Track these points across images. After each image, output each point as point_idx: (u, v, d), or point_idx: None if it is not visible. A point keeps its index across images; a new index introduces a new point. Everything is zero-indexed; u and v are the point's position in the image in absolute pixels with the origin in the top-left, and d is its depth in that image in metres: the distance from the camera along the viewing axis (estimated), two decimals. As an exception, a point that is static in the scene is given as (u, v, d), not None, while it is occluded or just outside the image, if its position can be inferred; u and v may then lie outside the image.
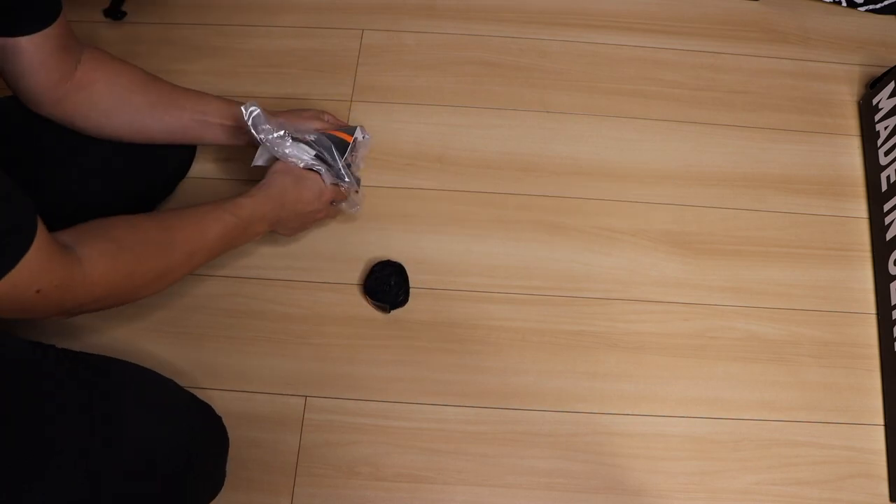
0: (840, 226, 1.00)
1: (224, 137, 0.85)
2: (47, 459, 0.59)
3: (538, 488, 0.84)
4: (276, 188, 0.79)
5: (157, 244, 0.67)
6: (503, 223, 0.98)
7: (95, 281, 0.59)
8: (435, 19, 1.12)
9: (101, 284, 0.60)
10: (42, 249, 0.53)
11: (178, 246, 0.69)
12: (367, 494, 0.83)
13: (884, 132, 0.99)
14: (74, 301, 0.59)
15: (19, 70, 0.68)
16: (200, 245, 0.71)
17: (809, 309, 0.94)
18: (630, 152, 1.03)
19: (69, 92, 0.73)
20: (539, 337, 0.91)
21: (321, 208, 0.84)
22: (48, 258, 0.54)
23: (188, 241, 0.70)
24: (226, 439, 0.79)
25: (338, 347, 0.90)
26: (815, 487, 0.85)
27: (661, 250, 0.97)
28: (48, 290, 0.55)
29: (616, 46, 1.11)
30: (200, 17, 1.12)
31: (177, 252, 0.69)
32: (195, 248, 0.71)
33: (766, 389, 0.90)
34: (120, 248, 0.63)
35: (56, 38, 0.68)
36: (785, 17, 1.15)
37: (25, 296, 0.53)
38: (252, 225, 0.76)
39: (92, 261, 0.59)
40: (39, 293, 0.54)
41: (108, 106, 0.76)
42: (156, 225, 0.68)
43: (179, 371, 0.88)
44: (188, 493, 0.72)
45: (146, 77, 0.80)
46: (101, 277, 0.60)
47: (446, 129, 1.04)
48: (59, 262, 0.56)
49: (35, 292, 0.54)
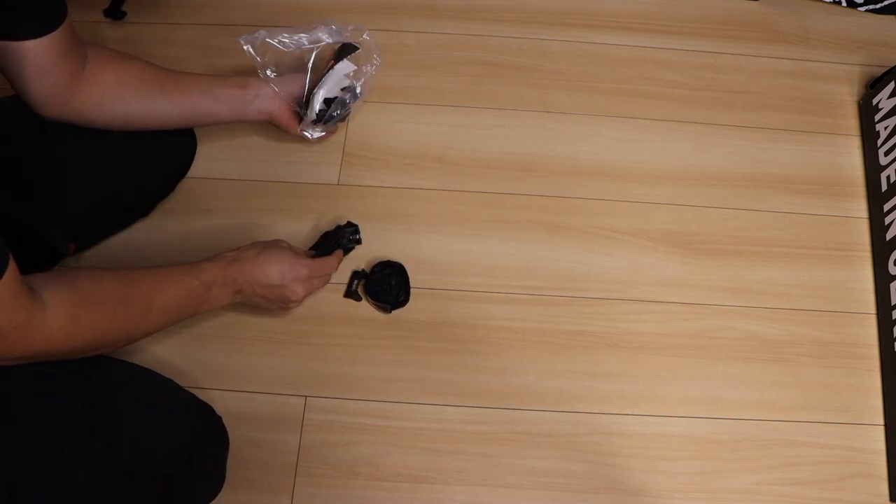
0: (840, 226, 1.00)
1: (234, 109, 0.85)
2: (48, 459, 0.59)
3: (538, 488, 0.84)
4: (239, 256, 0.77)
5: (117, 300, 0.65)
6: (503, 223, 0.98)
7: (54, 329, 0.58)
8: (435, 19, 1.12)
9: (60, 333, 0.59)
10: (9, 288, 0.52)
11: (137, 302, 0.67)
12: (367, 494, 0.83)
13: (884, 132, 0.99)
14: (29, 347, 0.57)
15: (28, 74, 0.68)
16: (159, 303, 0.69)
17: (809, 309, 0.94)
18: (630, 152, 1.03)
19: (80, 88, 0.73)
20: (539, 337, 0.91)
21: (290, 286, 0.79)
22: (13, 296, 0.53)
23: (146, 297, 0.68)
24: (226, 439, 0.79)
25: (338, 347, 0.90)
26: (815, 487, 0.85)
27: (661, 250, 0.97)
28: (6, 331, 0.53)
29: (616, 46, 1.11)
30: (200, 17, 1.12)
31: (134, 308, 0.67)
32: (153, 305, 0.68)
33: (766, 389, 0.90)
34: (83, 299, 0.61)
35: (63, 40, 0.68)
36: (785, 17, 1.15)
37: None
38: (211, 289, 0.74)
39: (54, 308, 0.58)
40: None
41: (120, 91, 0.77)
42: (117, 280, 0.67)
43: (179, 371, 0.88)
44: (188, 493, 0.72)
45: (152, 65, 0.81)
46: (60, 327, 0.58)
47: (446, 129, 1.04)
48: (21, 303, 0.54)
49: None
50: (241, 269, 0.76)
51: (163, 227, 0.96)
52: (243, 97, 0.85)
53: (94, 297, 0.63)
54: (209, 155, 1.01)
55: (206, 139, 1.00)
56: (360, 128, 1.03)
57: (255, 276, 0.77)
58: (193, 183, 0.99)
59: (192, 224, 0.97)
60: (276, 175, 1.00)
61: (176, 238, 0.96)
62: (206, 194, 0.98)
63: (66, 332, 0.59)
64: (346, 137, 1.02)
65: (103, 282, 0.65)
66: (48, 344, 0.58)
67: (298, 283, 0.79)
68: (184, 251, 0.94)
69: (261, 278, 0.77)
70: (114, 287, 0.66)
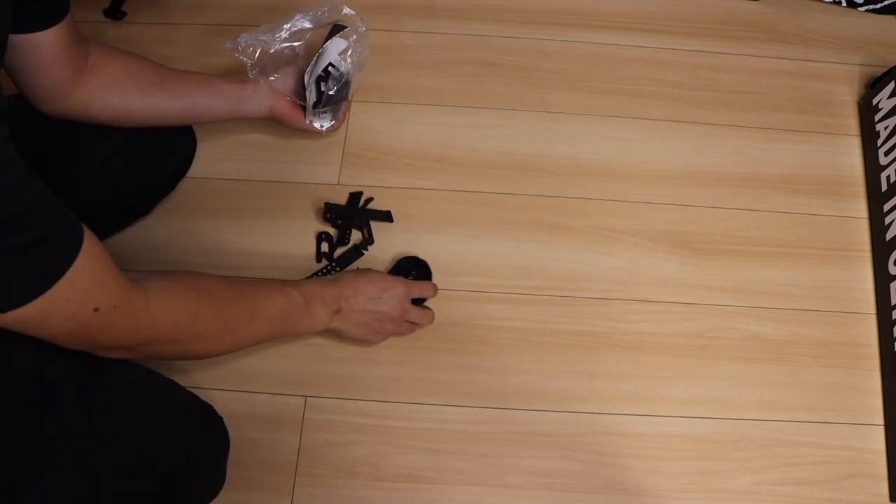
0: (840, 226, 1.00)
1: (233, 105, 0.86)
2: (47, 459, 0.59)
3: (538, 488, 0.84)
4: (338, 277, 0.81)
5: (221, 297, 0.67)
6: (503, 223, 0.98)
7: (159, 313, 0.59)
8: (435, 19, 1.12)
9: (164, 319, 0.59)
10: (95, 260, 0.52)
11: (241, 303, 0.69)
12: (367, 494, 0.83)
13: (884, 132, 0.99)
14: (136, 333, 0.58)
15: (34, 66, 0.68)
16: (262, 309, 0.71)
17: (809, 309, 0.94)
18: (630, 152, 1.03)
19: (82, 82, 0.74)
20: (539, 337, 0.91)
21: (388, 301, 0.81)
22: (104, 272, 0.53)
23: (250, 302, 0.70)
24: (226, 439, 0.79)
25: (338, 347, 0.90)
26: (815, 487, 0.85)
27: (661, 250, 0.97)
28: (108, 311, 0.54)
29: (616, 46, 1.11)
30: (200, 17, 1.12)
31: (238, 308, 0.68)
32: (257, 311, 0.70)
33: (766, 389, 0.90)
34: (186, 287, 0.63)
35: (66, 32, 0.69)
36: (785, 17, 1.15)
37: (83, 312, 0.52)
38: (312, 303, 0.76)
39: (157, 292, 0.58)
40: (98, 312, 0.53)
41: (121, 86, 0.78)
42: (222, 279, 0.69)
43: (180, 371, 0.88)
44: (188, 493, 0.72)
45: (152, 62, 0.82)
46: (164, 311, 0.59)
47: (446, 129, 1.04)
48: (116, 280, 0.55)
49: (93, 310, 0.53)
50: (341, 287, 0.79)
51: (163, 227, 0.96)
52: (241, 92, 0.86)
53: (198, 289, 0.64)
54: (209, 155, 1.01)
55: (206, 139, 1.00)
56: (360, 128, 1.03)
57: (355, 292, 0.79)
58: (193, 183, 0.99)
59: (192, 224, 0.97)
60: (277, 175, 1.00)
61: (176, 238, 0.96)
62: (206, 194, 0.98)
63: (171, 318, 0.60)
64: (346, 137, 1.02)
65: (207, 278, 0.67)
66: (153, 329, 0.59)
67: (395, 300, 0.81)
68: (184, 251, 0.94)
69: (360, 294, 0.79)
70: (218, 284, 0.67)
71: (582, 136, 1.04)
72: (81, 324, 0.53)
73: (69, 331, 0.53)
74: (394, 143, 1.03)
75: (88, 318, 0.53)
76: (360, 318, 0.81)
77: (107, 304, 0.54)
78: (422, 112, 1.05)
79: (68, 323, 0.52)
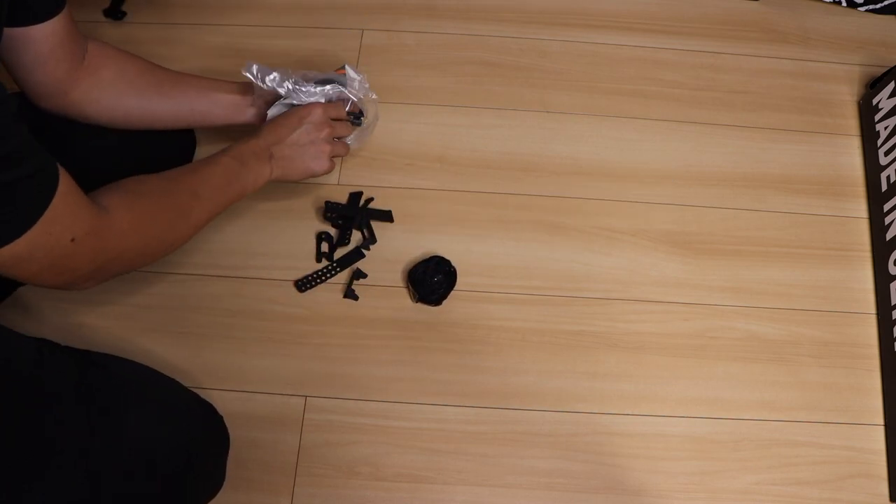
0: (840, 226, 1.00)
1: (230, 112, 0.86)
2: (47, 459, 0.59)
3: (538, 488, 0.84)
4: (267, 125, 0.82)
5: (166, 190, 0.71)
6: (503, 223, 0.98)
7: (125, 228, 0.62)
8: (435, 19, 1.12)
9: (130, 231, 0.63)
10: (69, 194, 0.55)
11: (184, 187, 0.72)
12: (367, 494, 0.83)
13: (884, 132, 0.99)
14: (106, 250, 0.61)
15: (30, 61, 0.68)
16: (204, 186, 0.74)
17: (809, 309, 0.94)
18: (630, 152, 1.03)
19: (79, 78, 0.74)
20: (539, 337, 0.91)
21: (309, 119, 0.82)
22: (76, 203, 0.56)
23: (190, 184, 0.73)
24: (226, 439, 0.79)
25: (338, 347, 0.90)
26: (815, 487, 0.85)
27: (661, 250, 0.97)
28: (82, 238, 0.57)
29: (616, 46, 1.11)
30: (200, 17, 1.12)
31: (184, 194, 0.72)
32: (200, 189, 0.73)
33: (766, 389, 0.90)
34: (138, 195, 0.66)
35: (63, 27, 0.69)
36: (785, 17, 1.15)
37: (61, 244, 0.55)
38: (247, 161, 0.78)
39: (117, 209, 0.62)
40: (74, 242, 0.56)
41: (118, 87, 0.78)
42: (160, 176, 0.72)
43: (180, 371, 0.88)
44: (188, 493, 0.72)
45: (150, 63, 0.82)
46: (129, 224, 0.63)
47: (446, 129, 1.04)
48: (87, 209, 0.58)
49: (70, 241, 0.56)
50: (265, 136, 0.80)
51: (163, 227, 0.96)
52: (240, 100, 0.85)
53: (145, 192, 0.68)
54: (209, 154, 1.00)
55: (206, 140, 1.00)
56: (360, 128, 1.03)
57: (278, 134, 0.81)
58: (193, 183, 0.99)
59: (192, 224, 0.97)
60: (276, 175, 1.00)
61: (176, 238, 0.96)
62: (206, 194, 0.98)
63: (134, 227, 0.64)
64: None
65: (149, 179, 0.70)
66: (122, 243, 0.63)
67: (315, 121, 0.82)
68: (183, 251, 0.94)
69: (283, 133, 0.81)
70: (159, 181, 0.71)
71: (582, 136, 1.04)
72: (61, 255, 0.56)
73: (49, 263, 0.56)
74: (394, 142, 1.03)
75: (65, 249, 0.56)
76: (293, 152, 0.82)
77: (80, 232, 0.57)
78: (422, 112, 1.05)
79: (48, 256, 0.55)
